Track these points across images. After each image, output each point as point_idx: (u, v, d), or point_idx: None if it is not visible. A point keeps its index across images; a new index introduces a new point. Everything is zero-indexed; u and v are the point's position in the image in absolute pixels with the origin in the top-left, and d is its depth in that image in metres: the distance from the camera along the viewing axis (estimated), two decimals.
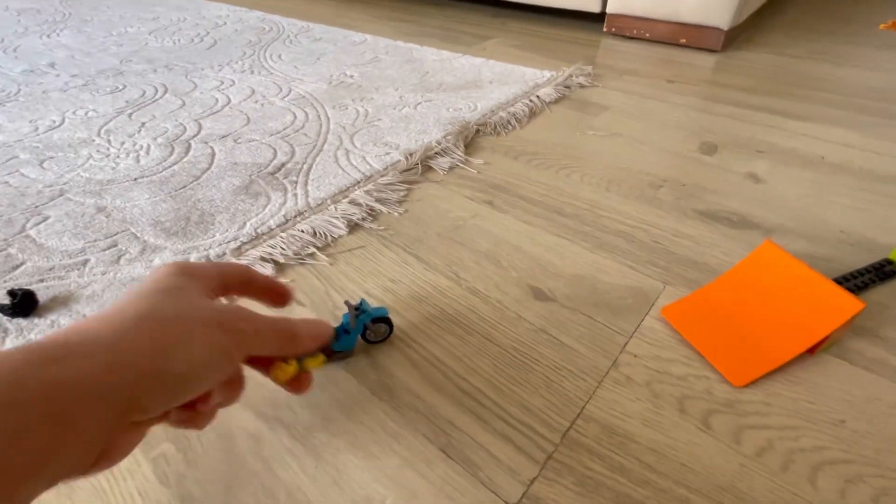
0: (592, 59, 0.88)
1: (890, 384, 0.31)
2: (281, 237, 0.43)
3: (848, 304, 0.31)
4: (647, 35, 0.97)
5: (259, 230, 0.44)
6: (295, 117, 0.65)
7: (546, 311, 0.37)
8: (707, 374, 0.32)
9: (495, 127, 0.63)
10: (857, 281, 0.39)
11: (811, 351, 0.33)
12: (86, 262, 0.40)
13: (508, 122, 0.65)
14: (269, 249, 0.42)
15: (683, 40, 0.93)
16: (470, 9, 1.22)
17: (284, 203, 0.47)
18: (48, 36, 1.01)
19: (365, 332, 0.32)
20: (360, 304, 0.32)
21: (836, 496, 0.25)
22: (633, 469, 0.27)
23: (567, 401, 0.30)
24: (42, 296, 0.36)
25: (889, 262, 0.41)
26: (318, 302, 0.38)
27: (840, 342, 0.34)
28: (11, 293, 0.35)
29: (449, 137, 0.59)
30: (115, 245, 0.42)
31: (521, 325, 0.35)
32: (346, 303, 0.31)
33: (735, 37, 0.97)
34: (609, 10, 0.98)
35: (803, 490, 0.26)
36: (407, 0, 1.31)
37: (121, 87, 0.75)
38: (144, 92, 0.73)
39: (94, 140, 0.59)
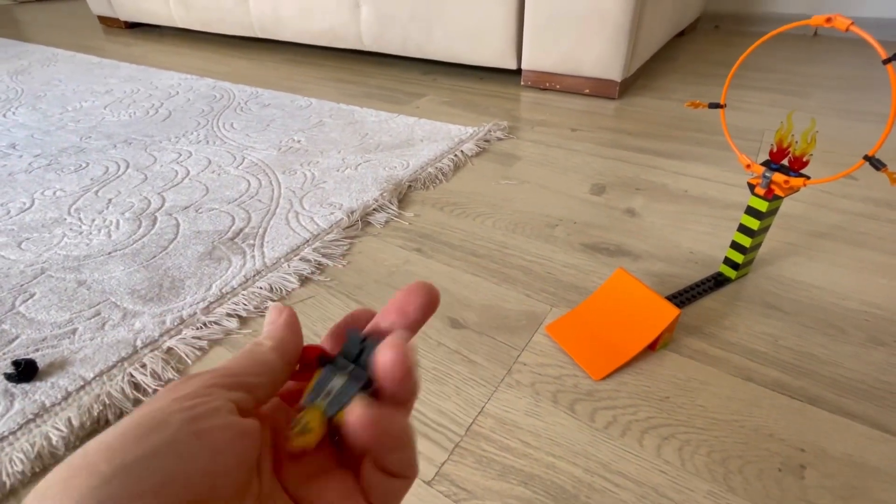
0: (511, 111, 1.02)
1: (705, 367, 0.43)
2: (243, 294, 0.52)
3: (668, 312, 0.43)
4: (558, 87, 1.12)
5: (224, 290, 0.52)
6: (249, 185, 0.74)
7: (460, 336, 0.47)
8: (576, 373, 0.42)
9: (424, 182, 0.75)
10: (697, 290, 0.52)
11: (652, 348, 0.44)
12: (74, 330, 0.48)
13: (436, 176, 0.76)
14: (234, 306, 0.50)
15: (587, 90, 1.09)
16: (405, 66, 1.36)
17: (244, 264, 0.56)
18: (4, 115, 1.07)
19: None
20: None
21: (655, 450, 0.36)
22: (516, 447, 0.37)
23: (471, 403, 0.40)
24: (41, 363, 0.43)
25: (720, 273, 0.54)
26: None
27: (675, 339, 0.46)
28: (16, 363, 0.42)
29: (385, 195, 0.69)
30: (99, 314, 0.49)
31: (441, 350, 0.45)
32: None
33: (631, 84, 1.14)
34: (524, 66, 1.13)
35: (634, 448, 0.36)
36: (349, 60, 1.44)
37: (84, 165, 0.82)
38: (107, 168, 0.81)
39: (65, 219, 0.66)
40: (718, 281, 0.53)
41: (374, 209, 0.67)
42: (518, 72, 1.20)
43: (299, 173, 0.77)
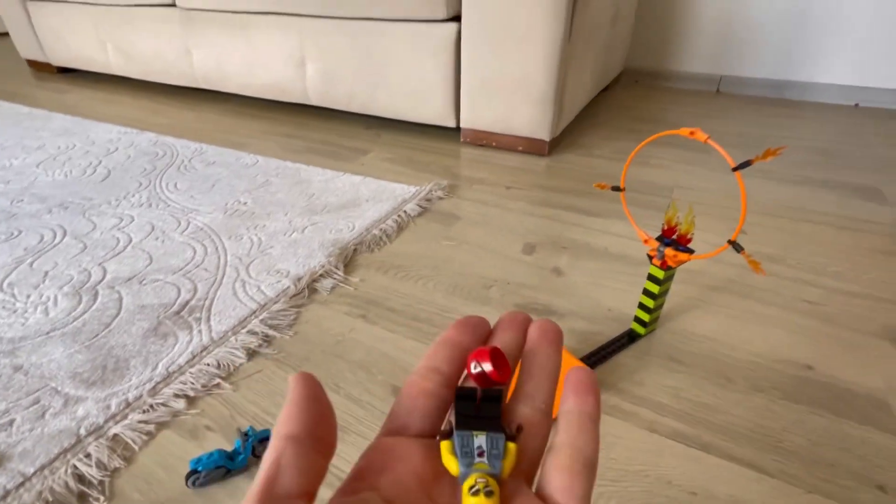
0: (451, 169, 1.09)
1: (619, 422, 0.49)
2: (190, 373, 0.53)
3: None
4: (494, 144, 1.21)
5: (170, 369, 0.53)
6: (195, 252, 0.75)
7: None
8: None
9: (370, 245, 0.79)
10: (612, 348, 0.58)
11: None
12: (12, 421, 0.47)
13: (381, 238, 0.81)
14: (181, 386, 0.51)
15: (521, 148, 1.19)
16: (348, 120, 1.41)
17: (191, 340, 0.57)
18: None
19: (255, 450, 0.44)
20: (248, 430, 0.43)
21: None
22: None
23: None
24: None
25: (632, 330, 0.61)
26: (225, 427, 0.48)
27: None
28: None
29: (331, 260, 0.73)
30: (38, 402, 0.49)
31: (383, 418, 0.49)
32: (238, 430, 0.43)
33: (560, 140, 1.25)
34: (462, 124, 1.22)
35: None
36: (292, 112, 1.48)
37: (16, 233, 0.80)
38: (42, 237, 0.79)
39: None
40: (631, 337, 0.60)
41: (320, 275, 0.70)
42: (458, 129, 1.28)
43: (246, 238, 0.79)
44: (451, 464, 0.15)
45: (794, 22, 1.61)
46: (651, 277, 0.56)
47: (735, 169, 0.44)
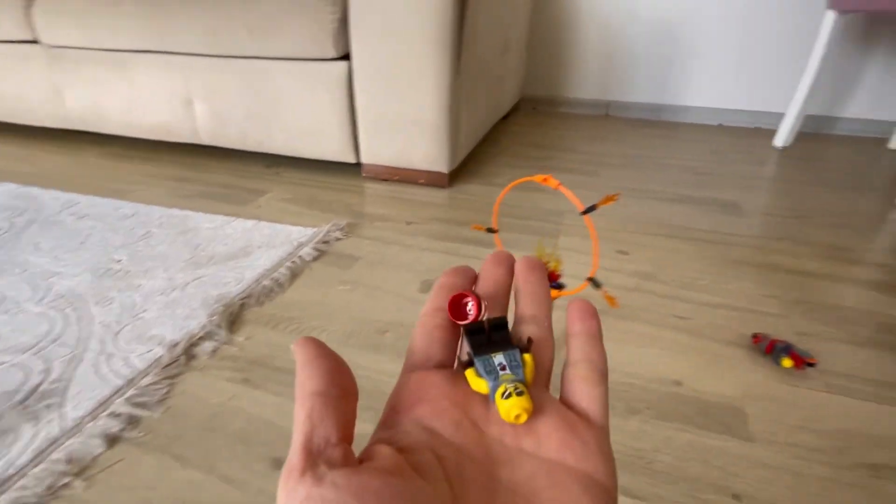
0: (353, 206, 1.08)
1: None
2: (33, 474, 0.46)
3: None
4: (397, 178, 1.22)
5: (8, 473, 0.46)
6: (52, 325, 0.67)
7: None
8: None
9: (259, 298, 0.75)
10: None
11: None
12: None
13: (272, 289, 0.77)
14: (20, 492, 0.45)
15: (422, 181, 1.20)
16: (247, 159, 1.36)
17: (37, 434, 0.51)
18: None
19: None
20: None
21: None
22: None
23: None
24: None
25: None
26: None
27: None
28: None
29: (214, 319, 0.68)
30: None
31: (262, 498, 0.46)
32: None
33: (460, 170, 1.29)
34: (363, 160, 1.21)
35: None
36: (185, 152, 1.40)
37: None
38: None
39: None
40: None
41: (200, 338, 0.65)
42: (360, 165, 1.28)
43: (116, 302, 0.72)
44: (480, 384, 0.17)
45: (666, 50, 1.79)
46: None
47: (583, 213, 0.47)
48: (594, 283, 0.50)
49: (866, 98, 1.64)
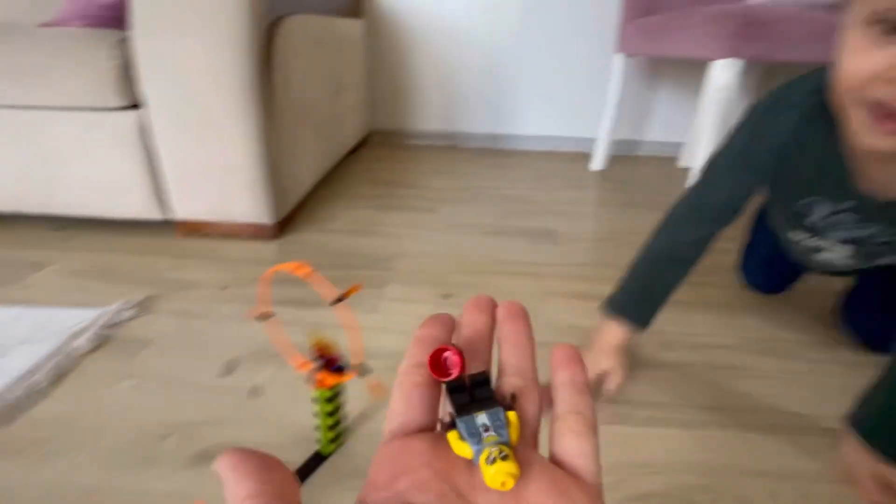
0: (159, 273, 0.95)
1: None
2: None
3: None
4: (216, 233, 1.11)
5: None
6: None
7: None
8: None
9: (3, 418, 0.61)
10: (302, 473, 0.54)
11: None
12: None
13: (21, 404, 0.63)
14: None
15: (246, 234, 1.11)
16: (28, 223, 1.14)
17: None
18: None
19: None
20: None
21: None
22: None
23: None
24: None
25: (318, 451, 0.58)
26: None
27: None
28: None
29: None
30: None
31: None
32: None
33: (293, 217, 1.22)
34: (175, 216, 1.08)
35: None
36: None
37: None
38: None
39: None
40: (320, 457, 0.57)
41: None
42: (172, 221, 1.14)
43: None
44: (463, 448, 0.16)
45: (496, 81, 1.91)
46: (317, 400, 0.54)
47: (333, 304, 0.44)
48: (361, 370, 0.48)
49: (660, 123, 1.92)
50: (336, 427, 0.56)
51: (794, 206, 0.62)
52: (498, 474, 0.15)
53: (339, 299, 0.44)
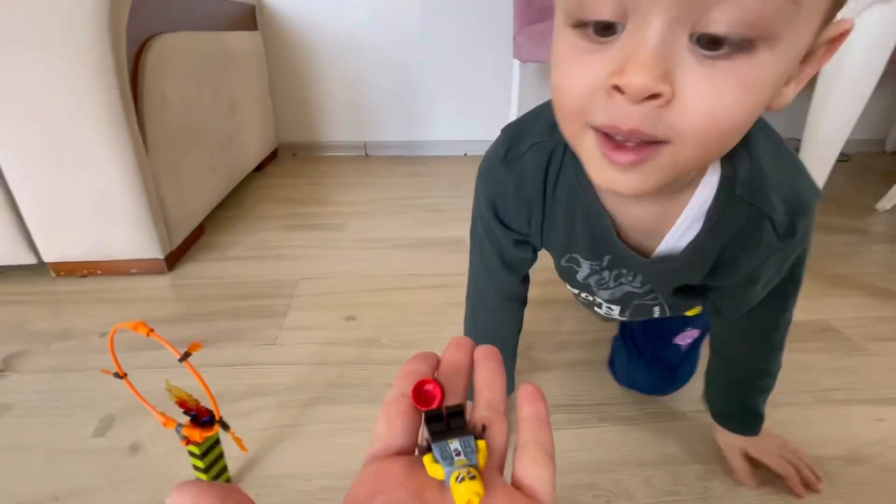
0: (25, 325, 0.86)
1: None
2: None
3: None
4: (99, 272, 1.02)
5: None
6: None
7: None
8: None
9: None
10: None
11: None
12: None
13: None
14: None
15: (134, 270, 1.03)
16: None
17: None
18: None
19: None
20: None
21: None
22: None
23: None
24: None
25: None
26: None
27: None
28: None
29: None
30: None
31: None
32: None
33: (189, 247, 1.15)
34: (46, 259, 0.98)
35: None
36: None
37: None
38: None
39: None
40: None
41: None
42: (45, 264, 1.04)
43: None
44: (436, 470, 0.19)
45: (406, 89, 1.91)
46: (191, 454, 0.51)
47: (181, 360, 0.42)
48: (222, 424, 0.46)
49: None
50: (219, 478, 0.53)
51: (560, 263, 0.52)
52: (465, 493, 0.17)
53: (187, 355, 0.41)
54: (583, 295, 0.57)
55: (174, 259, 1.07)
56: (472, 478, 0.18)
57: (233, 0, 1.51)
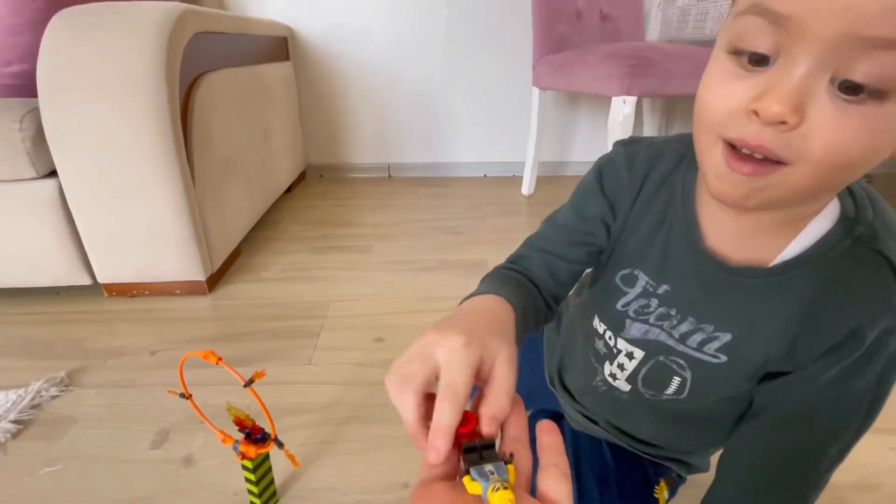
0: (85, 342, 0.93)
1: None
2: None
3: None
4: (147, 292, 1.10)
5: None
6: None
7: None
8: None
9: None
10: None
11: None
12: None
13: None
14: None
15: (178, 291, 1.11)
16: None
17: None
18: None
19: None
20: None
21: None
22: None
23: None
24: None
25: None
26: None
27: None
28: None
29: None
30: None
31: None
32: None
33: (226, 269, 1.22)
34: (100, 280, 1.07)
35: None
36: None
37: None
38: None
39: None
40: None
41: None
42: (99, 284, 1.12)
43: None
44: (475, 487, 0.24)
45: (429, 112, 1.98)
46: (244, 467, 0.56)
47: (245, 385, 0.47)
48: (278, 443, 0.51)
49: (582, 143, 2.05)
50: (266, 491, 0.59)
51: (615, 279, 0.44)
52: (501, 500, 0.22)
53: (251, 382, 0.47)
54: (606, 337, 0.46)
55: (214, 281, 1.14)
56: (506, 488, 0.23)
57: (267, 35, 1.60)
